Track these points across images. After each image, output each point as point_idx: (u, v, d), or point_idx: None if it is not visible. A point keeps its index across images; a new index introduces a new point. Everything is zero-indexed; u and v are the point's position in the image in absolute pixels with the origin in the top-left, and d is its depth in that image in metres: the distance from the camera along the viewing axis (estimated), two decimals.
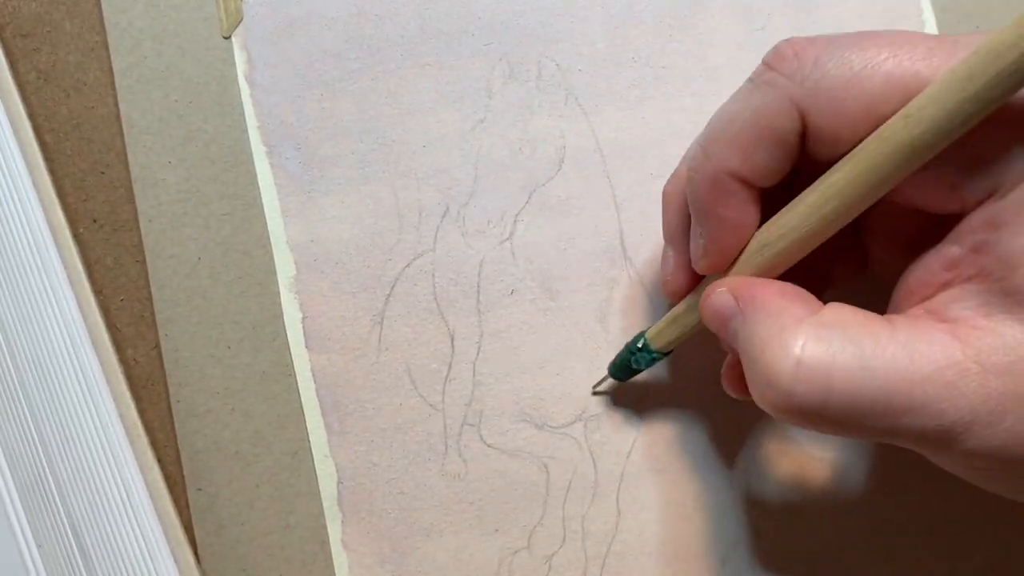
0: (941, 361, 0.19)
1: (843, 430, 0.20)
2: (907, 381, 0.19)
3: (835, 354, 0.19)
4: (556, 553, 0.29)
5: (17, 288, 0.30)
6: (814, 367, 0.19)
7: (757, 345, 0.20)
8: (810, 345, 0.19)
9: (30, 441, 0.30)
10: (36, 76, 0.32)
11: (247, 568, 0.30)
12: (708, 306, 0.23)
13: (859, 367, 0.19)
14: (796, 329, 0.20)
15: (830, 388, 0.19)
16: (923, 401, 0.19)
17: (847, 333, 0.19)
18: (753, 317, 0.21)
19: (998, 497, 0.22)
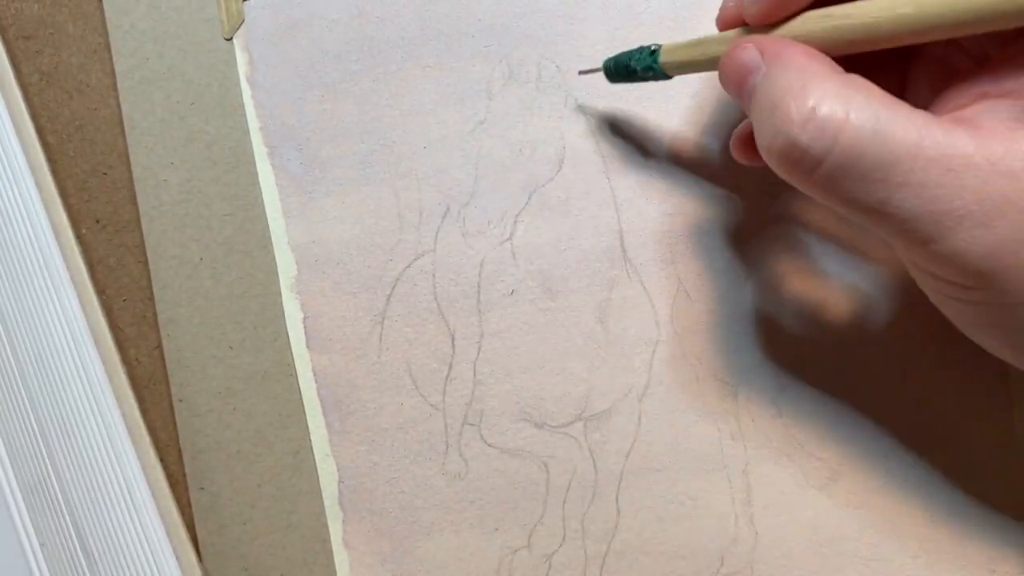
0: (950, 149, 0.19)
1: (836, 193, 0.20)
2: (912, 155, 0.19)
3: (850, 111, 0.19)
4: (556, 552, 0.29)
5: (20, 288, 0.31)
6: (827, 118, 0.19)
7: (777, 94, 0.20)
8: (829, 98, 0.19)
9: (33, 441, 0.30)
10: (39, 78, 0.32)
11: (249, 566, 0.30)
12: (732, 59, 0.22)
13: (870, 129, 0.19)
14: (820, 83, 0.20)
15: (836, 142, 0.19)
16: (922, 179, 0.19)
17: (868, 98, 0.19)
18: (778, 70, 0.21)
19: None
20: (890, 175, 0.19)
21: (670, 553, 0.29)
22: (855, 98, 0.19)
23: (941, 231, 0.19)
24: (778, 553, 0.29)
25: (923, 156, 0.19)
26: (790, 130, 0.20)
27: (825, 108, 0.19)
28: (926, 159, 0.19)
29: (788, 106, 0.20)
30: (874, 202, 0.19)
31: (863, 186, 0.19)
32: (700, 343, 0.29)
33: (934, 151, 0.19)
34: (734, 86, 0.22)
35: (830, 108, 0.19)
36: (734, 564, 0.29)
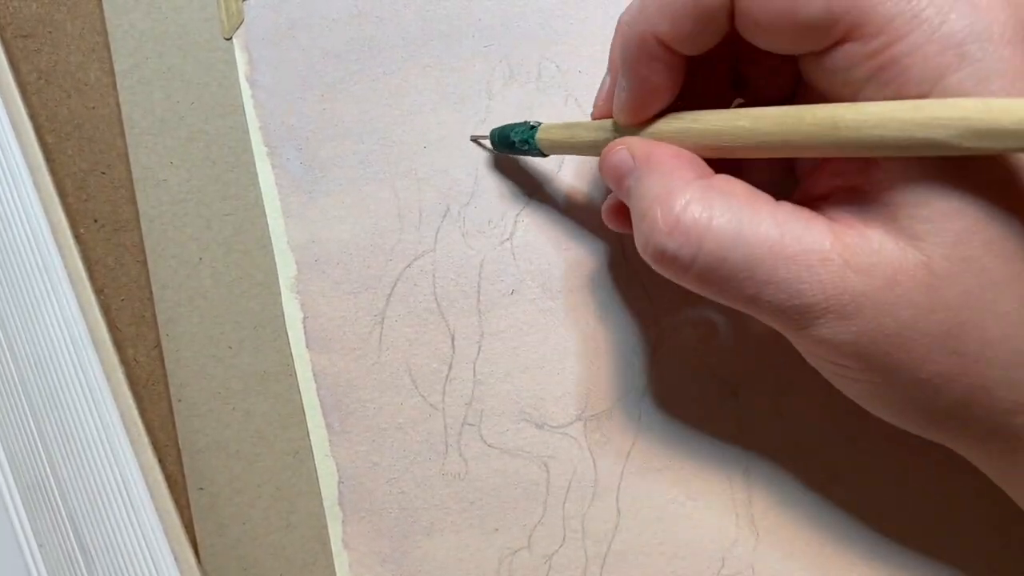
0: (808, 245, 0.20)
1: (710, 290, 0.21)
2: (773, 254, 0.20)
3: (712, 217, 0.20)
4: (556, 552, 0.29)
5: (18, 288, 0.30)
6: (690, 226, 0.20)
7: (646, 200, 0.21)
8: (692, 205, 0.21)
9: (31, 441, 0.30)
10: (37, 77, 0.32)
11: (248, 567, 0.30)
12: (607, 161, 0.23)
13: (733, 233, 0.20)
14: (683, 189, 0.21)
15: (701, 247, 0.20)
16: (784, 277, 0.20)
17: (729, 201, 0.21)
18: (646, 175, 0.22)
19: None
20: (755, 274, 0.20)
21: (670, 553, 0.29)
22: (716, 202, 0.21)
23: (808, 322, 0.20)
24: (779, 554, 0.29)
25: (784, 254, 0.20)
26: (658, 238, 0.21)
27: (688, 216, 0.20)
28: (787, 257, 0.20)
29: (655, 214, 0.21)
30: (745, 298, 0.21)
31: (732, 284, 0.20)
32: (700, 343, 0.29)
33: (794, 249, 0.20)
34: (613, 185, 0.24)
35: (692, 215, 0.20)
36: (734, 565, 0.29)
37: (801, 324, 0.20)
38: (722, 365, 0.29)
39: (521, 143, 0.28)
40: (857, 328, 0.20)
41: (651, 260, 0.22)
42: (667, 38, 0.21)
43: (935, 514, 0.29)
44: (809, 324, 0.20)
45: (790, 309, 0.20)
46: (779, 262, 0.20)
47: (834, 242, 0.20)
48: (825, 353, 0.21)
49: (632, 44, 0.22)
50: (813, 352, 0.22)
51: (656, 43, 0.21)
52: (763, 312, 0.21)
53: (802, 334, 0.21)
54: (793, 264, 0.20)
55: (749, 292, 0.20)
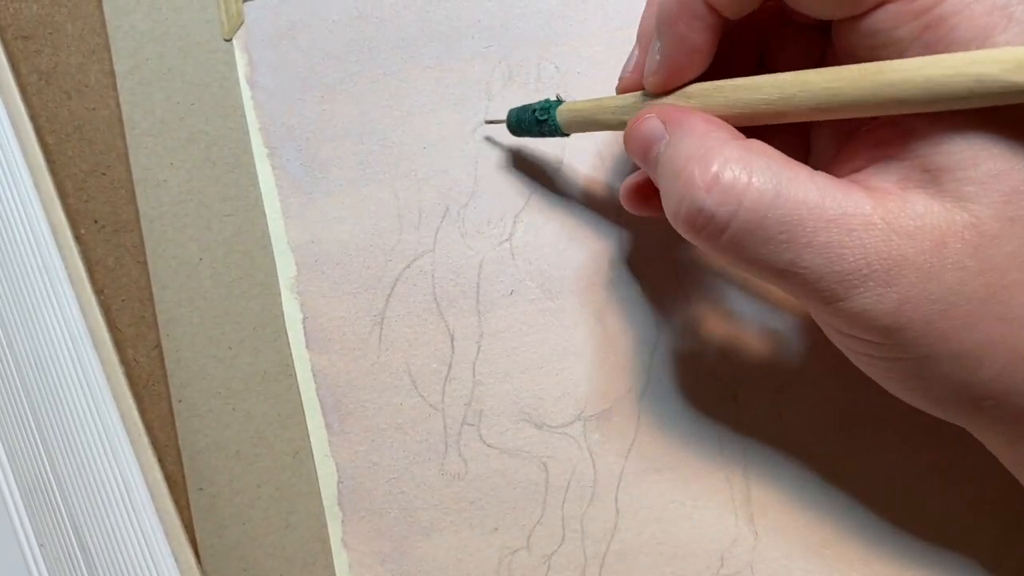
0: (850, 209, 0.19)
1: (744, 255, 0.20)
2: (813, 216, 0.19)
3: (752, 175, 0.20)
4: (555, 552, 0.29)
5: (18, 289, 0.30)
6: (729, 184, 0.20)
7: (680, 161, 0.21)
8: (731, 164, 0.20)
9: (32, 441, 0.30)
10: (37, 78, 0.32)
11: (248, 567, 0.30)
12: (636, 130, 0.23)
13: (772, 193, 0.19)
14: (721, 148, 0.20)
15: (740, 206, 0.20)
16: (825, 240, 0.19)
17: (768, 162, 0.20)
18: (679, 138, 0.21)
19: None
20: (794, 236, 0.19)
21: (669, 553, 0.29)
22: (756, 162, 0.20)
23: (847, 290, 0.19)
24: (778, 553, 0.29)
25: (825, 217, 0.19)
26: (696, 195, 0.20)
27: (728, 173, 0.20)
28: (828, 220, 0.19)
29: (692, 172, 0.20)
30: (781, 263, 0.20)
31: (769, 248, 0.20)
32: (699, 343, 0.29)
33: (835, 212, 0.19)
34: (640, 155, 0.23)
35: (733, 173, 0.20)
36: (734, 564, 0.29)
37: (838, 294, 0.20)
38: (722, 365, 0.29)
39: (541, 119, 0.27)
40: (899, 295, 0.19)
41: (685, 222, 0.21)
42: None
43: (935, 514, 0.29)
44: (847, 293, 0.19)
45: (829, 276, 0.19)
46: (820, 224, 0.19)
47: (876, 206, 0.19)
48: (861, 327, 0.20)
49: (673, 2, 0.21)
50: (846, 328, 0.21)
51: (699, 1, 0.21)
52: (798, 281, 0.20)
53: (837, 307, 0.20)
54: (834, 227, 0.19)
55: (787, 257, 0.20)
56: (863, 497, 0.29)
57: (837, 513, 0.29)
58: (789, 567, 0.29)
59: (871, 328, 0.20)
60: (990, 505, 0.29)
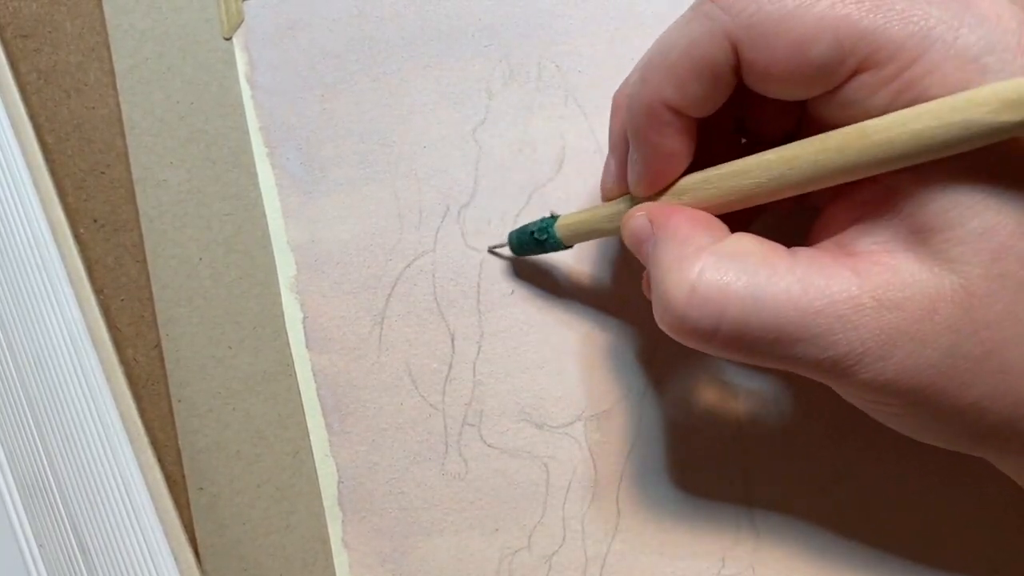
0: (836, 295, 0.19)
1: (738, 355, 0.21)
2: (799, 312, 0.19)
3: (729, 283, 0.20)
4: (556, 552, 0.29)
5: (18, 288, 0.30)
6: (707, 294, 0.20)
7: (662, 269, 0.21)
8: (707, 273, 0.20)
9: (31, 441, 0.30)
10: (37, 77, 0.32)
11: (248, 567, 0.30)
12: (627, 228, 0.23)
13: (752, 297, 0.20)
14: (695, 257, 0.20)
15: (722, 315, 0.20)
16: (815, 332, 0.19)
17: (744, 264, 0.20)
18: (662, 242, 0.21)
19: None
20: (783, 335, 0.20)
21: (670, 554, 0.29)
22: (731, 268, 0.20)
23: (844, 370, 0.20)
24: (779, 554, 0.29)
25: (811, 310, 0.19)
26: (675, 309, 0.20)
27: (704, 285, 0.20)
28: (814, 312, 0.19)
29: (669, 284, 0.20)
30: (775, 360, 0.20)
31: (761, 347, 0.20)
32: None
33: (820, 303, 0.19)
34: (636, 252, 0.23)
35: (708, 284, 0.20)
36: (735, 565, 0.29)
37: (839, 373, 0.20)
38: (723, 365, 0.29)
39: (540, 240, 0.27)
40: (896, 365, 0.19)
41: (671, 332, 0.21)
42: (676, 103, 0.21)
43: (936, 515, 0.29)
44: (845, 372, 0.20)
45: (826, 362, 0.20)
46: (807, 318, 0.19)
47: (862, 284, 0.19)
48: (866, 395, 0.21)
49: (640, 115, 0.22)
50: (855, 394, 0.21)
51: (665, 110, 0.21)
52: (797, 368, 0.20)
53: (838, 383, 0.21)
54: (822, 318, 0.19)
55: (780, 353, 0.20)
56: (865, 498, 0.29)
57: (838, 514, 0.29)
58: (790, 568, 0.29)
59: (873, 394, 0.20)
60: (993, 507, 0.28)
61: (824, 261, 0.20)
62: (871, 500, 0.29)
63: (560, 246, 0.27)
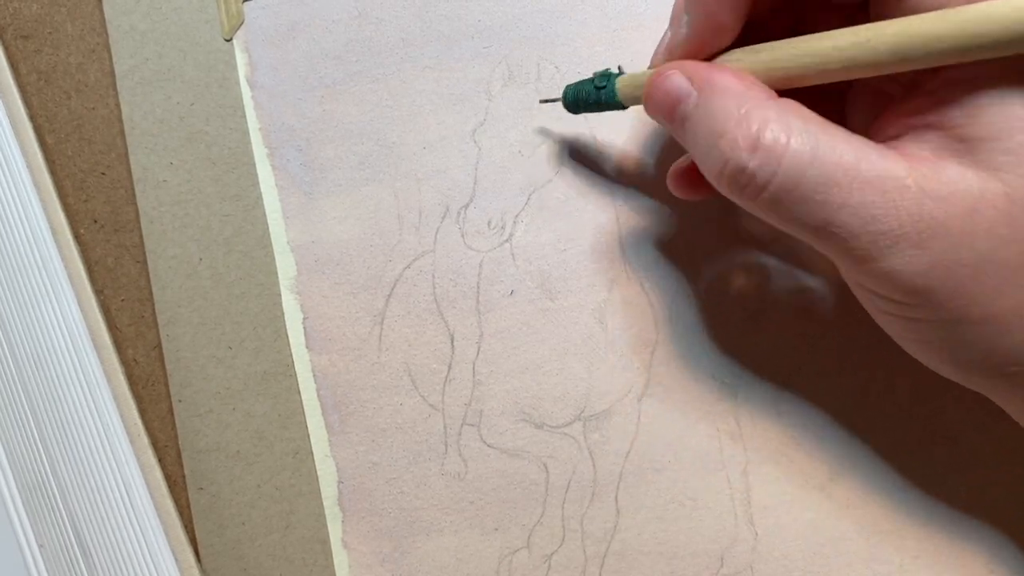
0: (884, 172, 0.20)
1: (782, 213, 0.21)
2: (849, 177, 0.20)
3: (791, 136, 0.20)
4: (555, 552, 0.29)
5: (18, 288, 0.30)
6: (770, 144, 0.20)
7: (719, 121, 0.21)
8: (771, 124, 0.20)
9: (32, 441, 0.30)
10: (37, 77, 0.32)
11: (248, 567, 0.30)
12: (657, 87, 0.23)
13: (810, 154, 0.20)
14: (760, 109, 0.21)
15: (780, 166, 0.20)
16: (860, 200, 0.20)
17: (806, 124, 0.20)
18: (713, 97, 0.21)
19: None
20: (830, 196, 0.20)
21: (670, 553, 0.29)
22: (794, 123, 0.20)
23: (880, 250, 0.20)
24: (778, 553, 0.29)
25: (860, 178, 0.20)
26: (739, 156, 0.20)
27: (768, 134, 0.20)
28: (863, 181, 0.20)
29: (734, 133, 0.21)
30: (817, 222, 0.20)
31: (806, 207, 0.20)
32: (700, 343, 0.29)
33: (870, 173, 0.20)
34: (664, 112, 0.23)
35: (773, 134, 0.20)
36: (734, 564, 0.29)
37: (871, 254, 0.20)
38: (722, 365, 0.29)
39: (600, 86, 0.26)
40: (931, 258, 0.20)
41: (728, 180, 0.21)
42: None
43: (933, 514, 0.29)
44: (880, 254, 0.20)
45: (863, 235, 0.20)
46: (855, 185, 0.20)
47: (911, 171, 0.20)
48: (891, 287, 0.21)
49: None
50: (877, 288, 0.21)
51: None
52: (833, 240, 0.20)
53: (869, 267, 0.20)
54: (869, 188, 0.20)
55: (822, 215, 0.20)
56: (863, 497, 0.29)
57: (837, 513, 0.29)
58: (789, 567, 0.29)
59: (902, 289, 0.20)
60: (991, 504, 0.29)
61: (878, 146, 0.20)
62: (870, 499, 0.29)
63: (616, 102, 0.26)
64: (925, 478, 0.29)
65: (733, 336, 0.29)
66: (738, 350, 0.29)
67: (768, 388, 0.29)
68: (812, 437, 0.29)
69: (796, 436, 0.29)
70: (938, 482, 0.29)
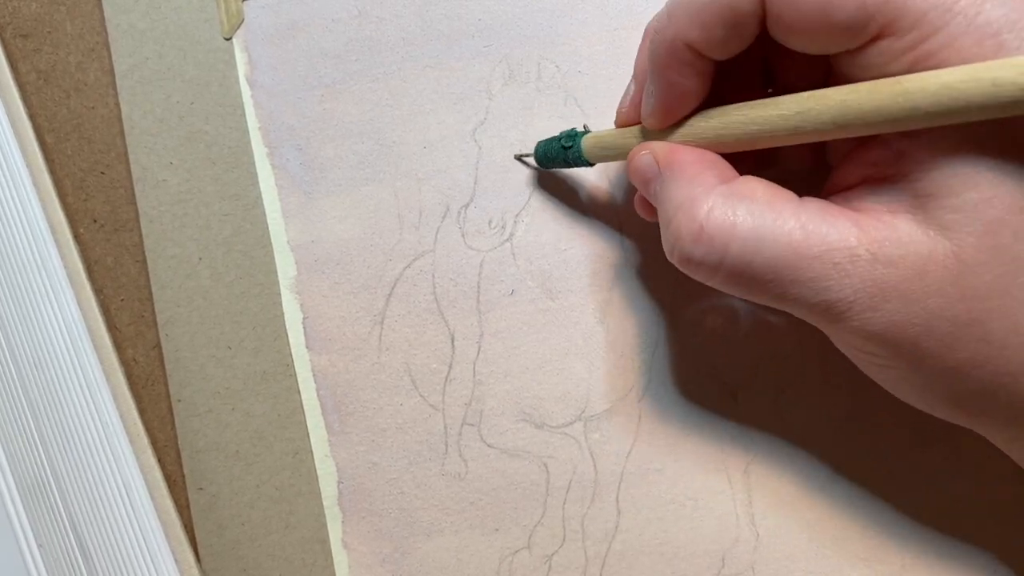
0: (834, 244, 0.20)
1: (737, 291, 0.22)
2: (797, 256, 0.20)
3: (736, 223, 0.21)
4: (556, 552, 0.29)
5: (17, 288, 0.30)
6: (714, 232, 0.21)
7: (671, 207, 0.22)
8: (715, 212, 0.21)
9: (31, 441, 0.30)
10: (36, 76, 0.32)
11: (247, 567, 0.30)
12: (633, 165, 0.24)
13: (755, 238, 0.21)
14: (705, 196, 0.21)
15: (726, 252, 0.21)
16: (809, 276, 0.20)
17: (752, 205, 0.21)
18: (670, 181, 0.22)
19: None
20: (781, 276, 0.21)
21: (670, 554, 0.29)
22: (739, 207, 0.21)
23: (835, 316, 0.21)
24: (779, 554, 0.29)
25: (809, 255, 0.20)
26: (684, 245, 0.21)
27: (712, 224, 0.21)
28: (812, 257, 0.20)
29: (679, 222, 0.22)
30: (772, 298, 0.21)
31: (760, 286, 0.21)
32: (700, 343, 0.29)
33: (819, 248, 0.20)
34: (641, 188, 0.24)
35: (716, 223, 0.21)
36: (735, 565, 0.29)
37: (830, 318, 0.21)
38: (722, 365, 0.29)
39: (567, 146, 0.27)
40: (885, 319, 0.20)
41: (679, 265, 0.22)
42: (697, 44, 0.21)
43: (936, 514, 0.29)
44: (837, 318, 0.21)
45: (819, 305, 0.21)
46: (804, 262, 0.20)
47: (861, 236, 0.20)
48: (855, 342, 0.21)
49: (661, 51, 0.22)
50: (844, 341, 0.22)
51: (686, 49, 0.22)
52: (793, 309, 0.21)
53: (830, 328, 0.22)
54: (819, 263, 0.20)
55: (776, 292, 0.21)
56: (865, 497, 0.29)
57: (839, 513, 0.29)
58: (791, 568, 0.29)
59: (865, 343, 0.21)
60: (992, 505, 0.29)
61: (829, 211, 0.21)
62: (872, 499, 0.29)
63: (583, 161, 0.27)
64: (926, 478, 0.29)
65: (733, 336, 0.29)
66: (738, 350, 0.29)
67: (769, 388, 0.29)
68: (812, 437, 0.29)
69: (796, 436, 0.29)
70: (939, 482, 0.29)
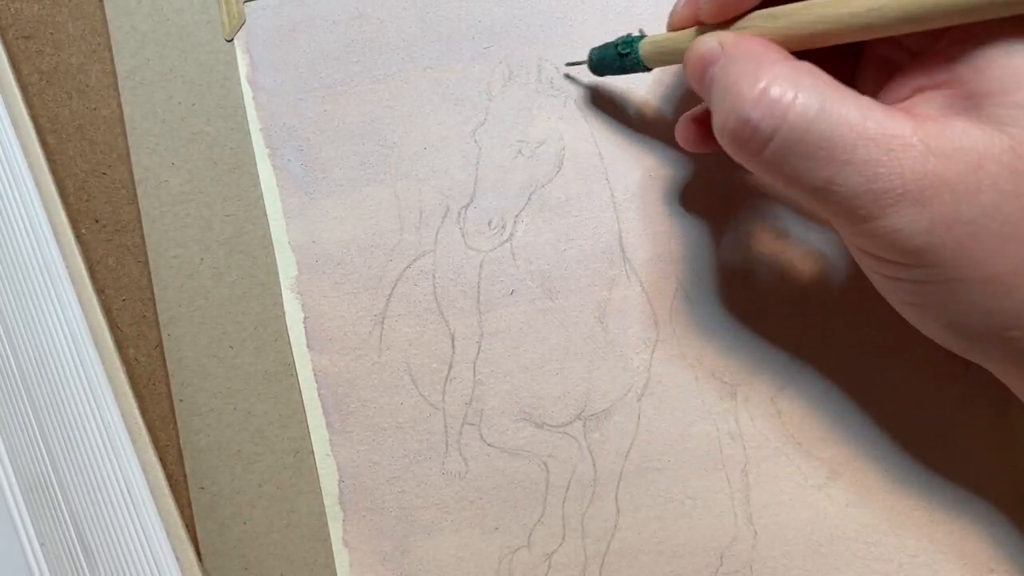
0: (891, 130, 0.20)
1: (784, 171, 0.21)
2: (854, 134, 0.20)
3: (798, 92, 0.20)
4: (556, 551, 0.29)
5: (20, 288, 0.31)
6: (776, 98, 0.20)
7: (732, 77, 0.21)
8: (779, 80, 0.21)
9: (33, 440, 0.30)
10: (39, 78, 0.32)
11: (249, 566, 0.30)
12: (695, 51, 0.23)
13: (816, 109, 0.20)
14: (771, 66, 0.21)
15: (784, 120, 0.20)
16: (863, 158, 0.20)
17: (815, 81, 0.21)
18: (733, 60, 0.22)
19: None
20: (834, 153, 0.20)
21: (669, 552, 0.29)
22: (803, 81, 0.20)
23: (881, 209, 0.20)
24: (777, 552, 0.29)
25: (865, 135, 0.20)
26: (742, 108, 0.21)
27: (775, 88, 0.20)
28: (868, 138, 0.20)
29: (741, 87, 0.21)
30: (819, 180, 0.20)
31: (809, 164, 0.20)
32: (699, 343, 0.30)
33: (875, 131, 0.20)
34: (697, 77, 0.23)
35: (780, 89, 0.20)
36: (733, 563, 0.29)
37: (872, 212, 0.20)
38: (722, 365, 0.29)
39: (624, 53, 0.27)
40: (932, 215, 0.20)
41: (731, 134, 0.21)
42: None
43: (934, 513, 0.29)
44: (881, 212, 0.20)
45: (865, 193, 0.20)
46: (859, 142, 0.20)
47: (916, 128, 0.20)
48: (891, 248, 0.21)
49: None
50: (876, 249, 0.21)
51: None
52: (834, 199, 0.21)
53: (870, 226, 0.21)
54: (873, 145, 0.20)
55: (824, 173, 0.20)
56: (862, 496, 0.29)
57: (836, 512, 0.29)
58: (788, 566, 0.29)
59: (902, 249, 0.20)
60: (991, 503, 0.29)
61: (886, 106, 0.21)
62: (869, 499, 0.29)
63: (641, 66, 0.27)
64: (924, 477, 0.29)
65: (733, 336, 0.29)
66: (738, 350, 0.29)
67: (767, 388, 0.29)
68: (811, 436, 0.29)
69: (795, 435, 0.29)
70: (938, 481, 0.29)
